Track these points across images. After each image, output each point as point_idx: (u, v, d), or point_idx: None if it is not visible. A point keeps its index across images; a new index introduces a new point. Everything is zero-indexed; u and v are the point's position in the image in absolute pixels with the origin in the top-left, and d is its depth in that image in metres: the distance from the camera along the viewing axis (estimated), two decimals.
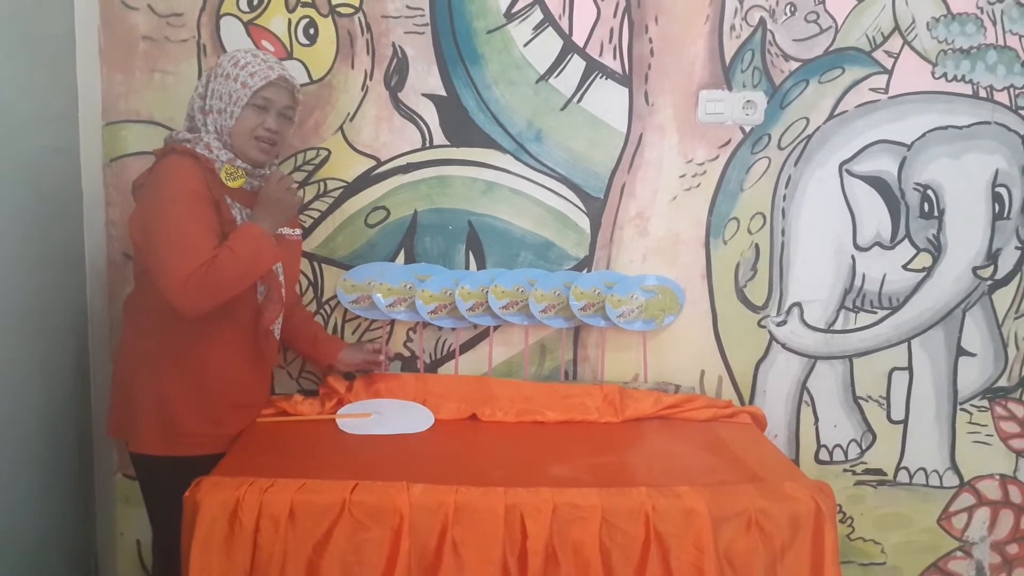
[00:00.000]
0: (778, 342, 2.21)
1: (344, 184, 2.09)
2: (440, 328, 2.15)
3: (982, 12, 2.10)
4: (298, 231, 1.91)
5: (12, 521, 1.73)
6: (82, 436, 2.02)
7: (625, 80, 2.09)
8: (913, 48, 2.11)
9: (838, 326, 2.21)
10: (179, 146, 1.68)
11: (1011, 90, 2.13)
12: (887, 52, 2.11)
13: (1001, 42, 2.11)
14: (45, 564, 1.87)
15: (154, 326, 1.69)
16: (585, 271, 2.14)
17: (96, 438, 2.08)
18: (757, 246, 2.17)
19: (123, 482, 2.14)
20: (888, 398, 2.25)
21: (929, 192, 2.16)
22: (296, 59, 2.03)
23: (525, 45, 2.06)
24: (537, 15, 2.05)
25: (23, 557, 1.77)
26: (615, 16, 2.06)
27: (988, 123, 2.14)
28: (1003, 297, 2.22)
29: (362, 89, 2.06)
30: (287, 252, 1.81)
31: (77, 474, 2.02)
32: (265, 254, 1.66)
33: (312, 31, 2.03)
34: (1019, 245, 2.20)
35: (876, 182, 2.16)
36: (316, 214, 2.09)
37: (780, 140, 2.13)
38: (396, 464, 1.67)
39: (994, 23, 2.11)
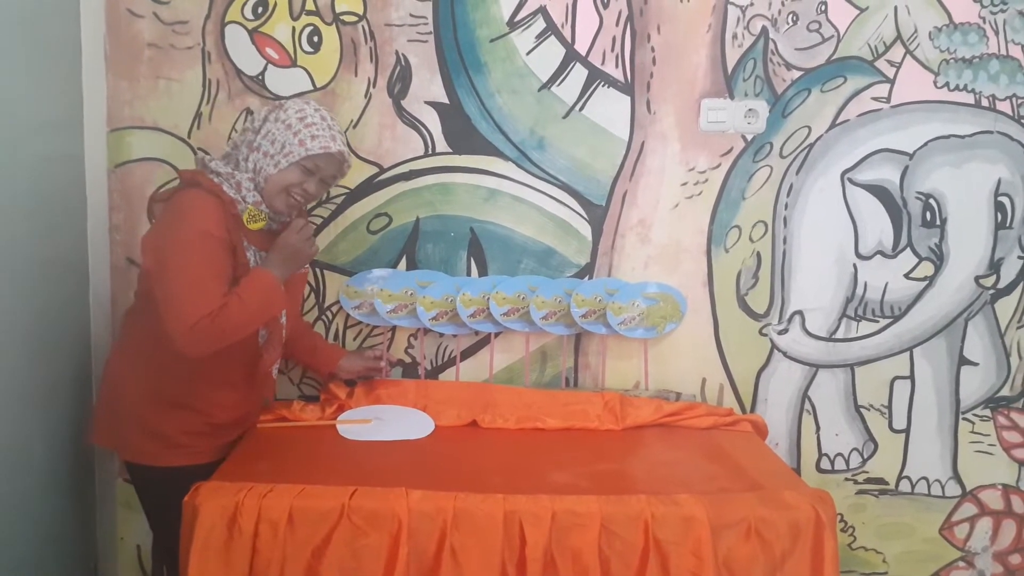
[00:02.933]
0: (779, 350, 2.21)
1: (347, 191, 2.09)
2: (441, 335, 2.15)
3: (984, 22, 2.10)
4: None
5: (13, 525, 1.74)
6: (83, 440, 2.02)
7: (627, 88, 2.09)
8: (915, 57, 2.11)
9: (840, 335, 2.21)
10: (206, 180, 1.64)
11: (1013, 99, 2.13)
12: (889, 61, 2.11)
13: (1003, 52, 2.12)
14: (46, 569, 1.87)
15: (149, 348, 1.67)
16: (586, 278, 2.15)
17: None
18: (759, 254, 2.17)
19: (124, 487, 2.14)
20: (890, 407, 2.24)
21: (931, 201, 2.16)
22: (300, 66, 2.04)
23: (528, 54, 2.07)
24: (540, 24, 2.06)
25: (24, 562, 1.77)
26: (617, 25, 2.07)
27: (990, 132, 2.14)
28: (1005, 306, 2.21)
29: (365, 97, 2.07)
30: (293, 292, 1.78)
31: (78, 479, 2.02)
32: (274, 303, 1.66)
33: (316, 39, 2.04)
34: (1021, 255, 2.20)
35: (878, 191, 2.16)
36: (319, 220, 2.10)
37: (782, 149, 2.13)
38: (396, 470, 1.67)
39: (996, 33, 2.11)
